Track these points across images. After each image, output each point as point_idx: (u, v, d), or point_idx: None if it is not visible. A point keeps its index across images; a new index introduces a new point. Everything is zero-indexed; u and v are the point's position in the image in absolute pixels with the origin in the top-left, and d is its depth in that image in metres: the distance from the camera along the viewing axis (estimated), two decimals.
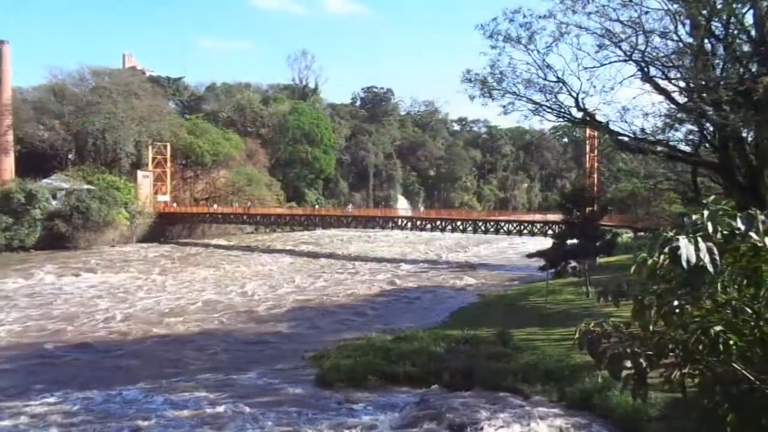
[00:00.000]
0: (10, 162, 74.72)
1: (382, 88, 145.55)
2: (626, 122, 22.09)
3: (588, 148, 49.14)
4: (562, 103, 22.81)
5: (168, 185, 78.27)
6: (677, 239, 3.69)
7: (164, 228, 71.50)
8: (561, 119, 24.92)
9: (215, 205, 79.74)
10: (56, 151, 75.00)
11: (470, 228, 58.12)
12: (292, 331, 26.36)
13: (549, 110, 23.18)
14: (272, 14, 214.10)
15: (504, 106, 23.42)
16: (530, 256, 32.40)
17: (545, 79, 22.04)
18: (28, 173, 67.00)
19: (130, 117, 75.49)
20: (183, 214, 75.14)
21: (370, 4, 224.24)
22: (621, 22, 19.64)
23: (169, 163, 78.67)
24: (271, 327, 27.21)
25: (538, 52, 21.52)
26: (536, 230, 53.84)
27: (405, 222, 64.09)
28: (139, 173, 74.26)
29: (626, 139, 22.40)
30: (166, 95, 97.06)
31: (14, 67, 75.59)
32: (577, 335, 4.31)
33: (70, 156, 75.79)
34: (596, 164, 49.83)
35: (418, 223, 63.01)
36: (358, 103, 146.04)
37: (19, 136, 75.37)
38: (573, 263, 29.97)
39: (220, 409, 15.87)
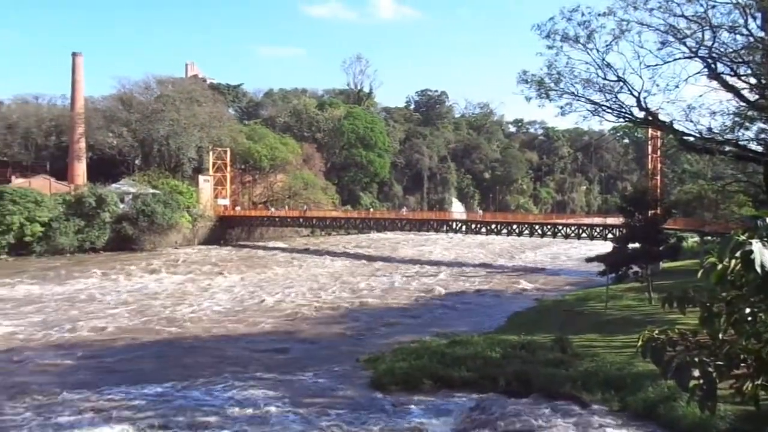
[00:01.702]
0: (82, 168, 78.77)
1: (436, 90, 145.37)
2: (692, 121, 21.25)
3: (650, 148, 47.48)
4: (623, 103, 22.18)
5: (227, 189, 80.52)
6: (750, 243, 3.50)
7: (224, 231, 73.54)
8: (621, 119, 24.24)
9: (272, 208, 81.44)
10: (124, 157, 78.47)
11: (526, 231, 57.09)
12: (346, 333, 26.57)
13: (609, 110, 22.58)
14: (325, 22, 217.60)
15: (561, 107, 23.02)
16: (589, 260, 31.53)
17: (605, 79, 21.51)
18: (98, 178, 70.43)
19: (192, 123, 78.14)
20: (242, 217, 77.09)
21: (422, 8, 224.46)
22: (686, 17, 18.93)
23: (228, 168, 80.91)
24: (326, 328, 27.53)
25: (598, 50, 21.04)
26: (595, 234, 52.34)
27: (459, 225, 63.56)
28: (201, 178, 76.71)
29: (692, 138, 21.55)
30: (225, 102, 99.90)
31: (86, 78, 79.92)
32: (640, 343, 4.15)
33: (136, 161, 79.10)
34: (659, 165, 48.03)
35: (473, 226, 62.35)
36: (412, 106, 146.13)
37: (90, 143, 79.41)
38: (635, 268, 28.94)
39: (275, 408, 16.17)
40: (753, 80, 19.71)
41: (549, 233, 55.75)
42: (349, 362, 20.85)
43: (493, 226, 59.78)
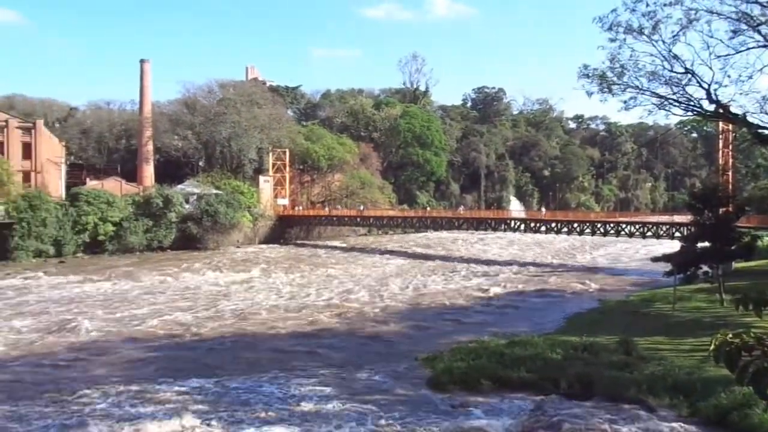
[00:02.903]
0: (150, 170, 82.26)
1: (493, 87, 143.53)
2: (767, 114, 20.16)
3: (721, 143, 45.36)
4: (691, 96, 21.30)
5: (287, 189, 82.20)
6: None
7: (283, 230, 75.11)
8: (690, 113, 23.28)
9: (327, 208, 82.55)
10: (188, 158, 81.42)
11: (588, 230, 55.53)
12: (404, 332, 26.65)
13: (676, 104, 21.73)
14: (380, 22, 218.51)
15: (625, 102, 22.34)
16: (655, 259, 30.39)
17: (671, 71, 20.71)
18: (165, 180, 73.39)
19: (252, 125, 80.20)
20: (300, 217, 78.53)
21: (477, 5, 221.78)
22: (760, 3, 17.99)
23: (287, 168, 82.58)
24: (384, 327, 27.70)
25: (664, 42, 20.29)
26: (662, 232, 50.38)
27: (518, 224, 62.50)
28: (261, 178, 78.62)
29: (767, 132, 20.43)
30: (284, 104, 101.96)
31: (153, 84, 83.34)
32: (712, 347, 3.99)
33: (200, 163, 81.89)
34: (731, 160, 45.77)
35: (532, 224, 61.19)
36: (469, 104, 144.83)
37: (157, 146, 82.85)
38: (704, 268, 27.68)
39: (334, 405, 16.40)
40: None
41: (612, 232, 54.02)
42: (406, 361, 20.91)
43: (553, 225, 58.51)
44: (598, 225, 55.63)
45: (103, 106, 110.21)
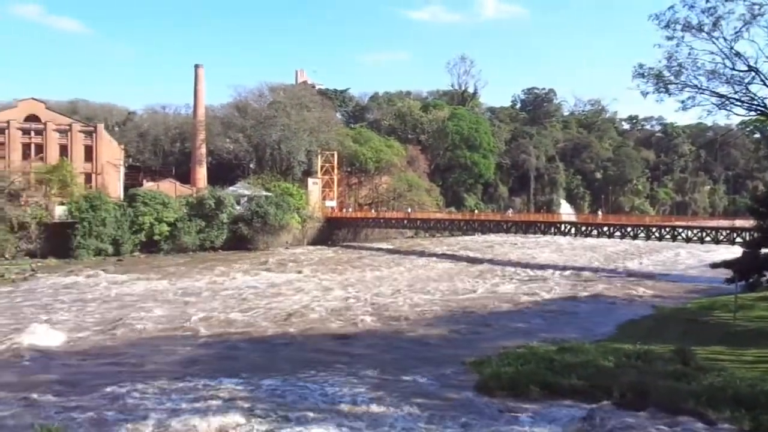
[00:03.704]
0: (203, 172, 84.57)
1: (543, 88, 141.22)
2: None
3: None
4: (755, 95, 20.42)
5: (335, 191, 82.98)
6: None
7: (331, 232, 75.81)
8: (753, 112, 22.31)
9: (374, 211, 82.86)
10: (240, 161, 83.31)
11: (642, 234, 53.80)
12: (451, 335, 26.46)
13: (738, 103, 20.87)
14: (427, 25, 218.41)
15: (683, 102, 21.61)
16: (714, 266, 29.17)
17: (733, 69, 19.91)
18: (217, 182, 75.31)
19: (301, 128, 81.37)
20: (348, 219, 79.09)
21: (526, 5, 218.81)
22: None
23: (335, 171, 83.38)
24: (430, 330, 27.57)
25: (725, 39, 19.52)
26: (721, 238, 48.32)
27: (568, 227, 61.12)
28: (310, 180, 79.62)
29: None
30: (333, 107, 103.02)
31: (207, 88, 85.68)
32: None
33: (251, 165, 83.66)
34: None
35: (583, 228, 59.70)
36: (519, 105, 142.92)
37: (210, 149, 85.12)
38: None
39: (379, 407, 16.41)
40: None
41: (667, 236, 52.15)
42: (454, 365, 20.74)
43: (605, 229, 56.94)
44: (653, 229, 53.84)
45: (159, 110, 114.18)
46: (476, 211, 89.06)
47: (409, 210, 78.14)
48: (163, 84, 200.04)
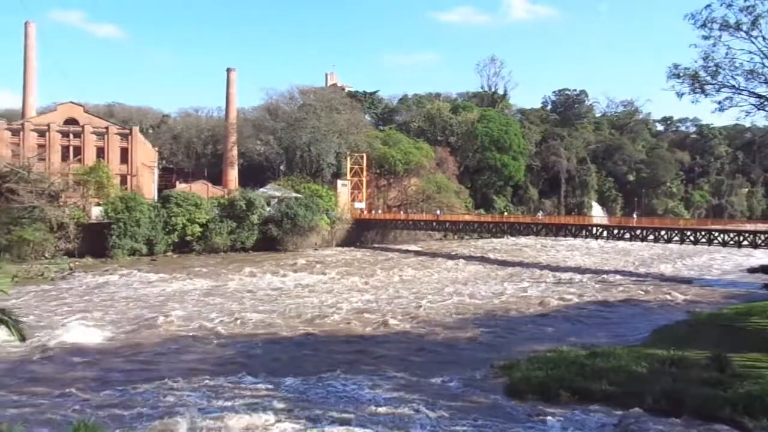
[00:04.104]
0: (234, 174, 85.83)
1: (574, 90, 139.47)
2: None
3: None
4: None
5: (364, 193, 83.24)
6: None
7: (360, 233, 76.07)
8: None
9: (403, 212, 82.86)
10: (270, 163, 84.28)
11: (676, 238, 52.59)
12: (479, 338, 26.32)
13: None
14: (456, 27, 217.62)
15: (719, 102, 21.16)
16: (752, 270, 28.56)
17: None
18: (247, 183, 76.39)
19: (331, 130, 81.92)
20: (377, 221, 79.24)
21: (557, 6, 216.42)
22: None
23: (365, 172, 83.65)
24: (459, 332, 27.48)
25: (764, 38, 19.04)
26: (759, 242, 46.95)
27: (600, 230, 60.17)
28: (339, 182, 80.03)
29: None
30: (362, 109, 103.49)
31: (239, 91, 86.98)
32: None
33: (281, 167, 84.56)
34: None
35: (615, 231, 58.71)
36: (549, 106, 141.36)
37: (241, 151, 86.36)
38: None
39: (410, 409, 16.44)
40: None
41: (703, 240, 50.88)
42: (482, 368, 20.64)
43: (639, 232, 55.88)
44: (688, 233, 52.60)
45: (192, 113, 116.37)
46: (506, 214, 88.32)
47: (438, 212, 77.90)
48: (197, 87, 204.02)
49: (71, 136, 68.56)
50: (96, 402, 17.29)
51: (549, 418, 15.57)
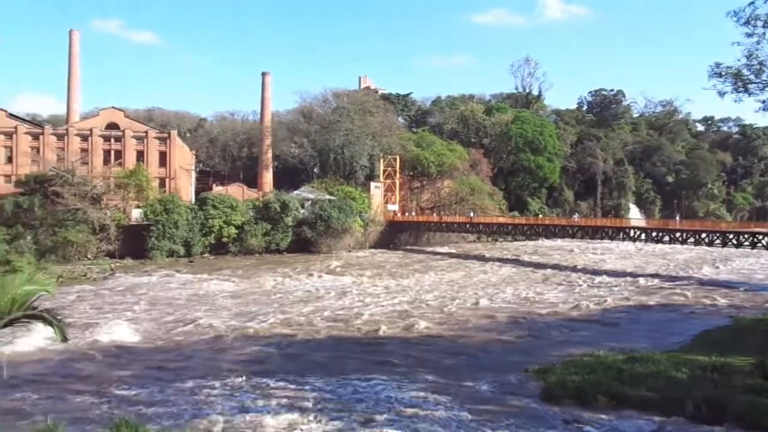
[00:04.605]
0: (269, 176, 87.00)
1: (611, 90, 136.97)
2: None
3: None
4: None
5: (397, 195, 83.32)
6: None
7: (393, 235, 76.14)
8: None
9: (436, 214, 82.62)
10: (304, 165, 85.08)
11: (718, 241, 51.12)
12: (513, 341, 26.09)
13: None
14: (489, 28, 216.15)
15: (764, 101, 20.53)
16: None
17: None
18: (282, 186, 77.25)
19: (364, 133, 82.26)
20: (410, 223, 79.20)
21: (592, 5, 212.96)
22: None
23: (398, 174, 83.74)
24: (493, 335, 27.28)
25: None
26: None
27: (638, 233, 58.84)
28: (372, 184, 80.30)
29: None
30: (395, 111, 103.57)
31: (273, 94, 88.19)
32: None
33: (315, 170, 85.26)
34: None
35: (654, 234, 57.38)
36: (585, 107, 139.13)
37: (276, 154, 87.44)
38: None
39: (442, 412, 16.40)
40: None
41: (746, 243, 49.33)
42: (517, 372, 20.43)
43: (678, 235, 54.51)
44: (730, 235, 51.07)
45: (228, 117, 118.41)
46: (540, 216, 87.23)
47: (472, 214, 77.42)
48: (233, 91, 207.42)
49: (112, 140, 70.49)
50: (135, 400, 17.75)
51: (586, 424, 15.33)
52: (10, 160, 68.22)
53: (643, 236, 57.84)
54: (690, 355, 20.58)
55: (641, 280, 46.22)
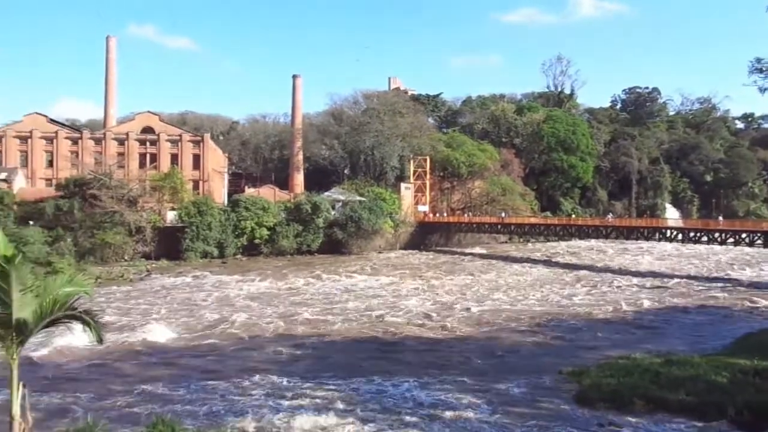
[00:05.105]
0: (300, 178, 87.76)
1: (646, 87, 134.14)
2: None
3: None
4: None
5: (427, 196, 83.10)
6: None
7: (424, 236, 75.94)
8: None
9: (467, 215, 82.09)
10: (335, 167, 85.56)
11: (759, 241, 49.56)
12: (547, 343, 25.76)
13: None
14: (520, 26, 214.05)
15: None
16: None
17: None
18: (313, 187, 77.82)
19: (394, 134, 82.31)
20: (440, 224, 78.89)
21: (627, 2, 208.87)
22: None
23: (428, 175, 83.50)
24: (526, 337, 26.97)
25: None
26: None
27: (674, 233, 57.41)
28: (402, 185, 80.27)
29: None
30: (425, 112, 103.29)
31: (304, 97, 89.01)
32: None
33: (345, 171, 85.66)
34: None
35: (691, 234, 55.95)
36: (619, 105, 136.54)
37: (306, 156, 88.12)
38: None
39: (475, 414, 16.28)
40: None
41: None
42: (550, 373, 20.17)
43: (717, 235, 53.03)
44: None
45: (260, 119, 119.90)
46: (573, 216, 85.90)
47: (503, 214, 76.72)
48: (264, 94, 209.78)
49: (148, 144, 72.07)
50: (171, 398, 18.07)
51: (622, 427, 15.02)
52: (51, 164, 70.41)
53: (680, 237, 56.44)
54: (731, 359, 20.01)
55: (678, 282, 45.11)
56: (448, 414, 16.35)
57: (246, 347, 25.08)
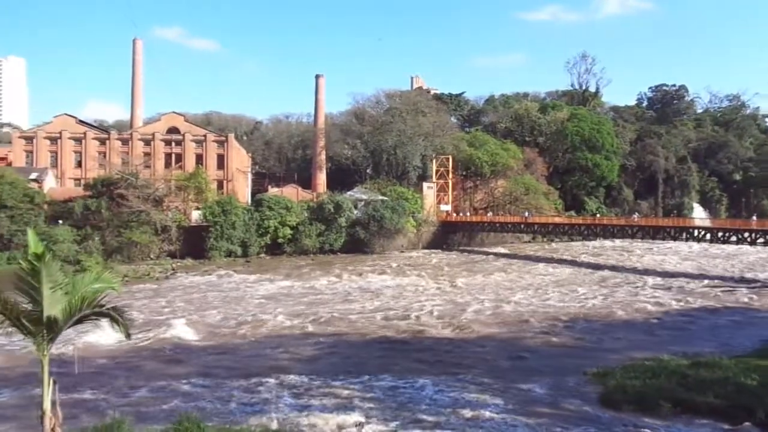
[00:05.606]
0: (323, 177, 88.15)
1: (673, 85, 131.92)
2: None
3: None
4: None
5: (449, 195, 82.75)
6: None
7: (446, 236, 75.67)
8: None
9: (490, 214, 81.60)
10: (357, 166, 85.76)
11: None
12: (571, 344, 25.50)
13: None
14: (543, 25, 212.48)
15: None
16: None
17: None
18: (335, 187, 78.07)
19: (417, 133, 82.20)
20: (463, 223, 78.52)
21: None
22: None
23: (450, 175, 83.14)
24: (549, 338, 26.72)
25: None
26: None
27: (702, 233, 56.28)
28: (425, 185, 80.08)
29: None
30: (448, 111, 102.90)
31: (327, 97, 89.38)
32: None
33: (368, 170, 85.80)
34: None
35: (720, 234, 54.77)
36: (645, 103, 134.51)
37: (329, 155, 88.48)
38: None
39: (498, 415, 16.18)
40: None
41: None
42: (574, 375, 19.97)
43: (747, 235, 51.86)
44: None
45: (283, 119, 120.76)
46: (598, 216, 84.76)
47: (527, 214, 76.04)
48: (287, 94, 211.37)
49: (173, 144, 73.12)
50: (196, 395, 18.32)
51: (647, 430, 14.81)
52: (79, 164, 71.87)
53: (708, 236, 55.33)
54: (760, 361, 19.60)
55: (706, 282, 44.27)
56: (469, 414, 16.28)
57: (268, 346, 25.29)
